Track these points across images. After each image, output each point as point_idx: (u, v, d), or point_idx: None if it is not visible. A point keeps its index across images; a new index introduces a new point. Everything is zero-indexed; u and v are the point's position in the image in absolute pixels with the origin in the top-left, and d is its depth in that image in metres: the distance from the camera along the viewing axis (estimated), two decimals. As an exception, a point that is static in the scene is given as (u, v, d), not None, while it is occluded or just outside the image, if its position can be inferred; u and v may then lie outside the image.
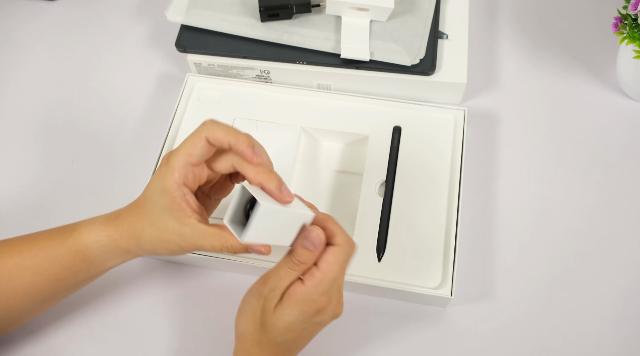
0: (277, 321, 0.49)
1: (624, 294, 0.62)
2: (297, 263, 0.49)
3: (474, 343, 0.60)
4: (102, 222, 0.54)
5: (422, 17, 0.71)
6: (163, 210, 0.50)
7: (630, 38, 0.64)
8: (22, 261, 0.53)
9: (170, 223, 0.50)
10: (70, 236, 0.54)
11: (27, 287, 0.54)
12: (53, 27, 0.83)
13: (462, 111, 0.68)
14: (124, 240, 0.53)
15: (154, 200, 0.50)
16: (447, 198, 0.63)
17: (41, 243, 0.54)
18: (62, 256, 0.53)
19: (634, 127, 0.71)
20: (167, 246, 0.51)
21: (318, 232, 0.49)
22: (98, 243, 0.53)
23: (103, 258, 0.54)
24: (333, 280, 0.49)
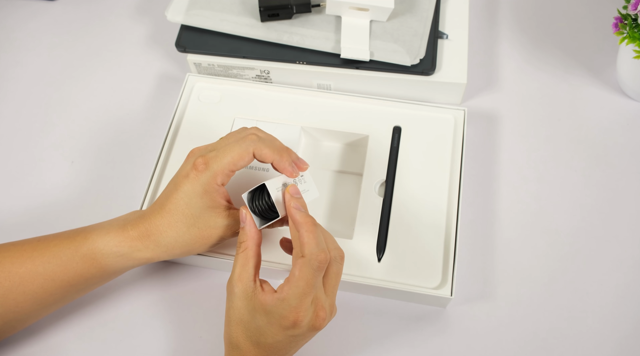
0: (251, 321, 0.49)
1: (624, 294, 0.62)
2: (238, 245, 0.51)
3: (474, 343, 0.60)
4: (118, 231, 0.54)
5: (422, 17, 0.71)
6: (205, 210, 0.53)
7: (630, 38, 0.64)
8: (34, 267, 0.53)
9: (213, 219, 0.54)
10: (83, 244, 0.54)
11: (38, 292, 0.54)
12: (53, 27, 0.83)
13: (462, 111, 0.68)
14: (149, 250, 0.54)
15: (193, 203, 0.53)
16: (447, 198, 0.63)
17: (53, 250, 0.54)
18: (75, 263, 0.54)
19: (634, 127, 0.71)
20: (208, 241, 0.55)
21: (241, 209, 0.52)
22: (116, 253, 0.54)
23: (119, 267, 0.55)
24: (300, 295, 0.47)
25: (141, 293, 0.64)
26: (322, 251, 0.48)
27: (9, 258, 0.54)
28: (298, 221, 0.50)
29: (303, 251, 0.48)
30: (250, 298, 0.49)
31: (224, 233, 0.55)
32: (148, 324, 0.62)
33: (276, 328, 0.48)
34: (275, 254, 0.60)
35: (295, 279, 0.47)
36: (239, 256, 0.51)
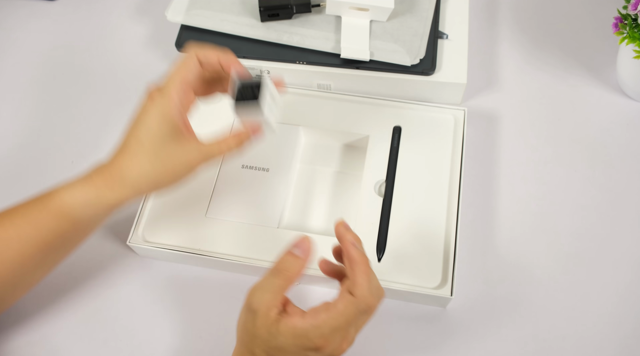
0: (269, 339, 0.47)
1: (624, 294, 0.62)
2: (280, 270, 0.48)
3: (474, 343, 0.60)
4: (82, 181, 0.53)
5: (422, 17, 0.71)
6: (166, 139, 0.51)
7: (630, 38, 0.64)
8: (6, 233, 0.52)
9: (176, 150, 0.51)
10: (50, 201, 0.52)
11: (15, 257, 0.52)
12: (53, 27, 0.83)
13: (462, 111, 0.68)
14: (115, 192, 0.52)
15: (154, 133, 0.51)
16: (447, 198, 0.63)
17: (22, 212, 0.53)
18: (47, 221, 0.52)
19: (634, 127, 0.71)
20: (175, 175, 0.52)
21: (307, 239, 0.49)
22: (83, 203, 0.52)
23: (90, 218, 0.53)
24: (336, 329, 0.46)
25: (141, 293, 0.64)
26: (373, 297, 0.47)
27: None
28: (355, 259, 0.48)
29: (354, 291, 0.47)
30: (274, 322, 0.47)
31: (190, 165, 0.52)
32: (148, 324, 0.62)
33: (299, 348, 0.47)
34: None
35: (337, 312, 0.46)
36: (276, 282, 0.48)
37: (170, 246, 0.62)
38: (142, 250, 0.63)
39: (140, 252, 0.64)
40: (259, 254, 0.61)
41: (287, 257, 0.48)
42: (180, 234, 0.63)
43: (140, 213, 0.64)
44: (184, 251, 0.61)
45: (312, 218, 0.65)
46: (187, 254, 0.61)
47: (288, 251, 0.49)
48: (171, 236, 0.62)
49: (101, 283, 0.64)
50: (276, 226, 0.62)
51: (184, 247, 0.62)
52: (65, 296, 0.64)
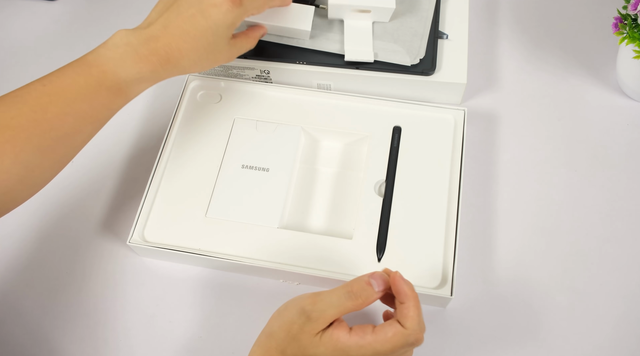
0: (308, 347, 0.48)
1: (625, 294, 0.62)
2: (355, 296, 0.49)
3: (474, 343, 0.60)
4: (135, 58, 0.56)
5: (422, 17, 0.71)
6: (226, 40, 0.60)
7: (630, 38, 0.64)
8: (61, 108, 0.53)
9: (228, 47, 0.61)
10: (105, 78, 0.55)
11: (70, 132, 0.54)
12: (53, 27, 0.83)
13: (462, 111, 0.68)
14: (167, 73, 0.58)
15: (220, 33, 0.58)
16: (447, 198, 0.63)
17: (75, 88, 0.54)
18: (103, 98, 0.55)
19: (634, 127, 0.71)
20: (215, 63, 0.62)
21: (384, 276, 0.50)
22: (139, 80, 0.57)
23: (140, 91, 0.58)
24: (377, 353, 0.47)
25: (141, 293, 0.64)
26: (421, 332, 0.48)
27: (27, 111, 0.52)
28: (407, 295, 0.49)
29: (405, 323, 0.48)
30: (320, 332, 0.48)
31: (230, 57, 0.63)
32: (148, 324, 0.62)
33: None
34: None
35: (384, 339, 0.47)
36: (346, 304, 0.48)
37: (170, 246, 0.62)
38: (142, 250, 0.63)
39: (140, 252, 0.64)
40: (259, 254, 0.61)
41: (367, 286, 0.49)
42: (180, 234, 0.63)
43: (140, 213, 0.64)
44: (183, 251, 0.61)
45: (312, 218, 0.65)
46: (187, 254, 0.61)
47: (367, 280, 0.49)
48: (171, 236, 0.62)
49: (101, 283, 0.64)
50: (276, 226, 0.62)
51: (183, 247, 0.62)
52: (65, 296, 0.64)
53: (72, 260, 0.66)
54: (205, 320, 0.62)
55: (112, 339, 0.61)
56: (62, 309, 0.63)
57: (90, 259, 0.66)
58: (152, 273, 0.65)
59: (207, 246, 0.62)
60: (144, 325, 0.62)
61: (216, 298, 0.63)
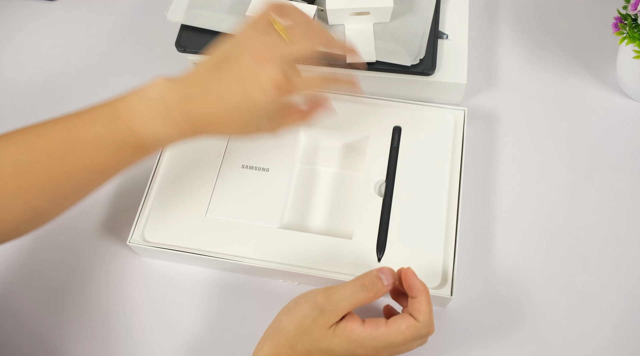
0: (321, 340, 0.49)
1: (625, 294, 0.62)
2: (367, 288, 0.51)
3: (474, 343, 0.60)
4: (165, 120, 0.51)
5: (422, 17, 0.71)
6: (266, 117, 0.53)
7: (630, 38, 0.64)
8: (79, 161, 0.50)
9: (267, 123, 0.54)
10: (130, 136, 0.50)
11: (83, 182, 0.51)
12: (53, 27, 0.83)
13: (462, 111, 0.68)
14: (195, 135, 0.53)
15: (260, 115, 0.53)
16: (447, 198, 0.63)
17: (96, 143, 0.50)
18: (125, 155, 0.51)
19: (634, 127, 0.71)
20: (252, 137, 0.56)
21: (393, 273, 0.52)
22: (166, 141, 0.52)
23: (161, 148, 0.54)
24: (391, 345, 0.49)
25: (141, 293, 0.64)
26: (432, 326, 0.51)
27: (45, 158, 0.49)
28: (420, 289, 0.51)
29: (418, 316, 0.50)
30: (334, 325, 0.50)
31: (274, 133, 0.56)
32: (147, 324, 0.62)
33: (347, 353, 0.50)
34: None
35: (397, 330, 0.49)
36: (359, 296, 0.50)
37: (170, 246, 0.62)
38: (142, 250, 0.63)
39: (140, 252, 0.64)
40: (259, 254, 0.61)
41: (377, 279, 0.51)
42: (180, 234, 0.62)
43: (140, 213, 0.64)
44: (183, 251, 0.61)
45: (312, 218, 0.65)
46: (187, 254, 0.61)
47: (377, 274, 0.52)
48: (171, 236, 0.62)
49: (101, 283, 0.64)
50: (276, 226, 0.62)
51: (183, 247, 0.62)
52: (65, 296, 0.64)
53: (72, 260, 0.66)
54: (205, 319, 0.62)
55: (112, 339, 0.61)
56: (62, 309, 0.63)
57: (90, 259, 0.66)
58: (152, 273, 0.65)
59: (206, 246, 0.62)
60: (144, 325, 0.62)
61: (216, 298, 0.63)
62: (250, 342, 0.54)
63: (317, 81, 0.56)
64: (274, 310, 0.53)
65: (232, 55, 0.52)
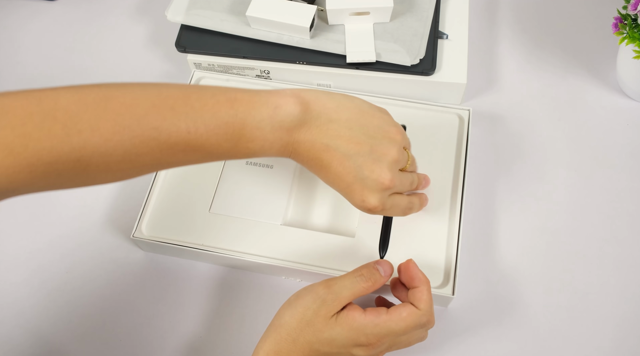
0: (323, 330, 0.50)
1: (625, 295, 0.62)
2: (367, 278, 0.52)
3: (475, 343, 0.60)
4: (280, 146, 0.48)
5: (422, 17, 0.71)
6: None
7: (630, 38, 0.64)
8: (188, 160, 0.47)
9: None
10: (244, 153, 0.48)
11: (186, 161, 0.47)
12: (53, 27, 0.83)
13: (466, 111, 0.68)
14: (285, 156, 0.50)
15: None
16: (450, 197, 0.63)
17: (212, 149, 0.46)
18: (227, 155, 0.48)
19: (634, 127, 0.71)
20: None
21: (391, 265, 0.54)
22: (262, 151, 0.49)
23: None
24: (392, 332, 0.50)
25: (144, 288, 0.64)
26: (433, 316, 0.52)
27: (156, 152, 0.45)
28: (421, 279, 0.52)
29: (419, 305, 0.51)
30: (335, 315, 0.51)
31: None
32: (150, 320, 0.62)
33: (350, 341, 0.50)
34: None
35: (399, 318, 0.50)
36: (359, 285, 0.52)
37: (174, 241, 0.62)
38: (146, 244, 0.63)
39: (143, 246, 0.64)
40: (262, 251, 0.61)
41: (374, 271, 0.53)
42: (184, 230, 0.63)
43: (144, 208, 0.64)
44: (187, 246, 0.61)
45: (315, 216, 0.65)
46: (190, 249, 0.61)
47: (374, 265, 0.53)
48: (174, 230, 0.63)
49: (104, 277, 0.64)
50: (280, 222, 0.62)
51: (187, 242, 0.62)
52: (68, 290, 0.64)
53: (75, 254, 0.66)
54: (208, 315, 0.62)
55: (113, 337, 0.61)
56: (62, 311, 0.63)
57: (93, 253, 0.66)
58: (155, 267, 0.65)
59: (210, 242, 0.62)
60: (146, 321, 0.62)
61: (218, 293, 0.63)
62: (251, 338, 0.54)
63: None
64: (276, 307, 0.53)
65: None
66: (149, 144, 0.44)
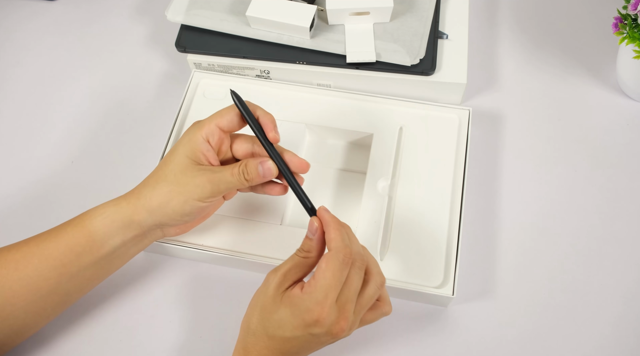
0: (271, 310, 0.49)
1: (625, 294, 0.62)
2: (301, 250, 0.51)
3: (474, 343, 0.60)
4: (113, 201, 0.55)
5: (422, 17, 0.71)
6: (185, 163, 0.53)
7: (630, 38, 0.64)
8: (29, 249, 0.54)
9: (190, 172, 0.53)
10: (78, 218, 0.54)
11: (32, 276, 0.53)
12: (53, 27, 0.83)
13: (466, 110, 0.68)
14: (135, 212, 0.53)
15: (175, 166, 0.53)
16: (450, 197, 0.63)
17: (52, 230, 0.54)
18: (67, 235, 0.53)
19: (634, 127, 0.71)
20: (185, 201, 0.52)
21: (313, 221, 0.51)
22: (102, 215, 0.54)
23: (105, 233, 0.54)
24: (327, 288, 0.47)
25: (144, 289, 0.64)
26: (347, 247, 0.49)
27: (7, 248, 0.54)
28: (327, 220, 0.51)
29: (329, 247, 0.49)
30: (281, 293, 0.50)
31: (203, 192, 0.53)
32: (150, 320, 0.62)
33: (298, 321, 0.48)
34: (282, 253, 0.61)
35: (321, 271, 0.48)
36: (296, 258, 0.51)
37: (174, 242, 0.62)
38: (145, 246, 0.63)
39: (142, 248, 0.64)
40: (262, 251, 0.61)
41: (304, 240, 0.52)
42: (183, 231, 0.63)
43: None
44: (187, 246, 0.61)
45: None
46: (190, 249, 0.61)
47: (306, 235, 0.52)
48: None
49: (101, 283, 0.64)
50: (279, 223, 0.62)
51: (187, 243, 0.62)
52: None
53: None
54: (206, 320, 0.62)
55: (112, 338, 0.61)
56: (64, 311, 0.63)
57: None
58: (155, 268, 0.65)
59: (210, 242, 0.62)
60: (145, 322, 0.62)
61: (218, 294, 0.63)
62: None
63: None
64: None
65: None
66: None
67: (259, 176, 0.53)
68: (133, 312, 0.63)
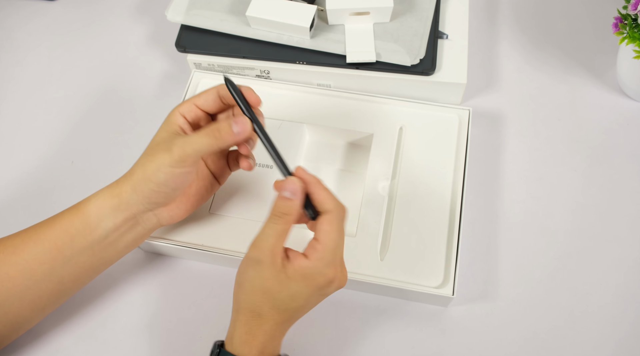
0: (280, 290, 0.48)
1: (624, 294, 0.62)
2: (279, 215, 0.49)
3: (474, 343, 0.60)
4: (110, 185, 0.56)
5: (422, 17, 0.71)
6: (162, 137, 0.54)
7: (630, 38, 0.64)
8: (27, 234, 0.55)
9: (163, 142, 0.53)
10: (78, 203, 0.56)
11: (27, 259, 0.53)
12: (53, 27, 0.83)
13: (466, 110, 0.68)
14: (122, 189, 0.54)
15: (158, 134, 0.55)
16: (450, 197, 0.63)
17: (53, 216, 0.56)
18: (64, 219, 0.55)
19: (634, 127, 0.71)
20: (158, 168, 0.52)
21: (293, 179, 0.50)
22: (96, 197, 0.55)
23: (98, 214, 0.54)
24: (335, 248, 0.49)
25: (143, 289, 0.64)
26: (341, 204, 0.50)
27: (9, 236, 0.55)
28: (309, 180, 0.50)
29: (324, 207, 0.49)
30: (282, 269, 0.49)
31: (172, 156, 0.52)
32: (148, 324, 0.62)
33: (312, 288, 0.49)
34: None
35: (326, 233, 0.48)
36: (277, 227, 0.49)
37: (174, 241, 0.62)
38: (145, 245, 0.63)
39: (143, 247, 0.64)
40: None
41: (280, 201, 0.50)
42: (184, 230, 0.63)
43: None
44: (186, 246, 0.61)
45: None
46: (190, 249, 0.61)
47: (279, 196, 0.50)
48: (174, 231, 0.62)
49: (103, 278, 0.64)
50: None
51: (186, 242, 0.62)
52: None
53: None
54: (206, 319, 0.62)
55: (113, 337, 0.61)
56: (62, 312, 0.63)
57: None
58: (154, 267, 0.65)
59: (210, 242, 0.62)
60: (145, 322, 0.62)
61: (218, 294, 0.63)
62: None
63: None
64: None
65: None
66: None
67: (231, 134, 0.51)
68: (132, 311, 0.63)
